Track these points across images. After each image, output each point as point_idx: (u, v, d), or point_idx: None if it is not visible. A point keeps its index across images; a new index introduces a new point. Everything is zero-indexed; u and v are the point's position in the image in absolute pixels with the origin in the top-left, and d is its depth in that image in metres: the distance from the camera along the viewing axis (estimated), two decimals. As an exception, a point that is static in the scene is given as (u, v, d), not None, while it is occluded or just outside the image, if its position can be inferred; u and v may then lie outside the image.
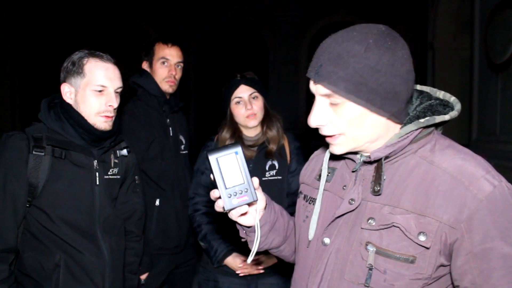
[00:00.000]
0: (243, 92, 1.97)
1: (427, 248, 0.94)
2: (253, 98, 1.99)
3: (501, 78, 4.10)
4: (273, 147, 2.00)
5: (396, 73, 0.95)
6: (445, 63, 6.09)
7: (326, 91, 0.98)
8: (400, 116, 1.01)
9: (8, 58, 6.91)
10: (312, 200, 1.17)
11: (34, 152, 1.54)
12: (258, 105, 1.99)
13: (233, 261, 1.95)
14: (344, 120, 0.99)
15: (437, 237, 0.93)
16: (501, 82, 4.10)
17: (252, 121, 1.98)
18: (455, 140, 1.06)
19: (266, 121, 2.03)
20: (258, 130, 2.05)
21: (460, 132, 5.03)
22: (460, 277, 0.95)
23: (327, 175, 1.15)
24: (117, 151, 1.76)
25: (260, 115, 2.00)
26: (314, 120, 1.02)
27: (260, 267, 1.95)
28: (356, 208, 1.03)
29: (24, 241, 1.59)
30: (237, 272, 1.95)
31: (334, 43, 0.97)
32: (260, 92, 2.00)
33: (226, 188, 1.02)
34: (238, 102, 1.98)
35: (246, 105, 1.97)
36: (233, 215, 1.08)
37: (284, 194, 2.02)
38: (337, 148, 1.04)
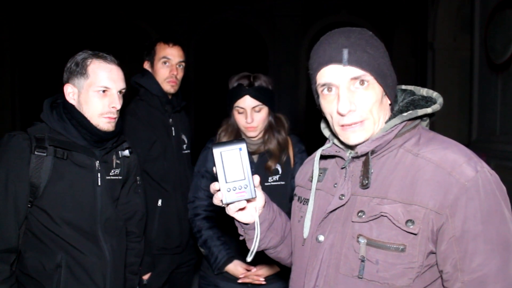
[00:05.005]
0: (247, 103, 1.87)
1: (415, 235, 0.96)
2: (257, 111, 1.90)
3: (501, 78, 4.10)
4: (271, 164, 1.94)
5: (390, 63, 1.07)
6: (445, 63, 6.08)
7: (359, 72, 1.02)
8: (393, 107, 1.11)
9: (8, 58, 6.91)
10: (306, 201, 1.19)
11: (36, 153, 1.54)
12: (260, 117, 1.90)
13: (234, 268, 1.93)
14: (371, 101, 1.03)
15: (425, 224, 0.96)
16: (501, 82, 4.10)
17: (251, 133, 1.92)
18: (455, 141, 1.07)
19: (267, 133, 1.95)
20: (260, 134, 1.98)
21: (460, 132, 5.03)
22: (443, 262, 0.97)
23: (319, 175, 1.18)
24: (119, 152, 1.77)
25: (261, 127, 1.93)
26: (346, 105, 1.02)
27: (261, 279, 1.92)
28: (346, 203, 1.07)
29: (25, 241, 1.59)
30: (239, 281, 1.94)
31: (346, 34, 1.04)
32: (266, 103, 1.90)
33: (226, 182, 1.04)
34: (240, 112, 1.91)
35: (247, 118, 1.88)
36: (231, 210, 1.09)
37: (287, 199, 1.93)
38: (360, 134, 1.05)
